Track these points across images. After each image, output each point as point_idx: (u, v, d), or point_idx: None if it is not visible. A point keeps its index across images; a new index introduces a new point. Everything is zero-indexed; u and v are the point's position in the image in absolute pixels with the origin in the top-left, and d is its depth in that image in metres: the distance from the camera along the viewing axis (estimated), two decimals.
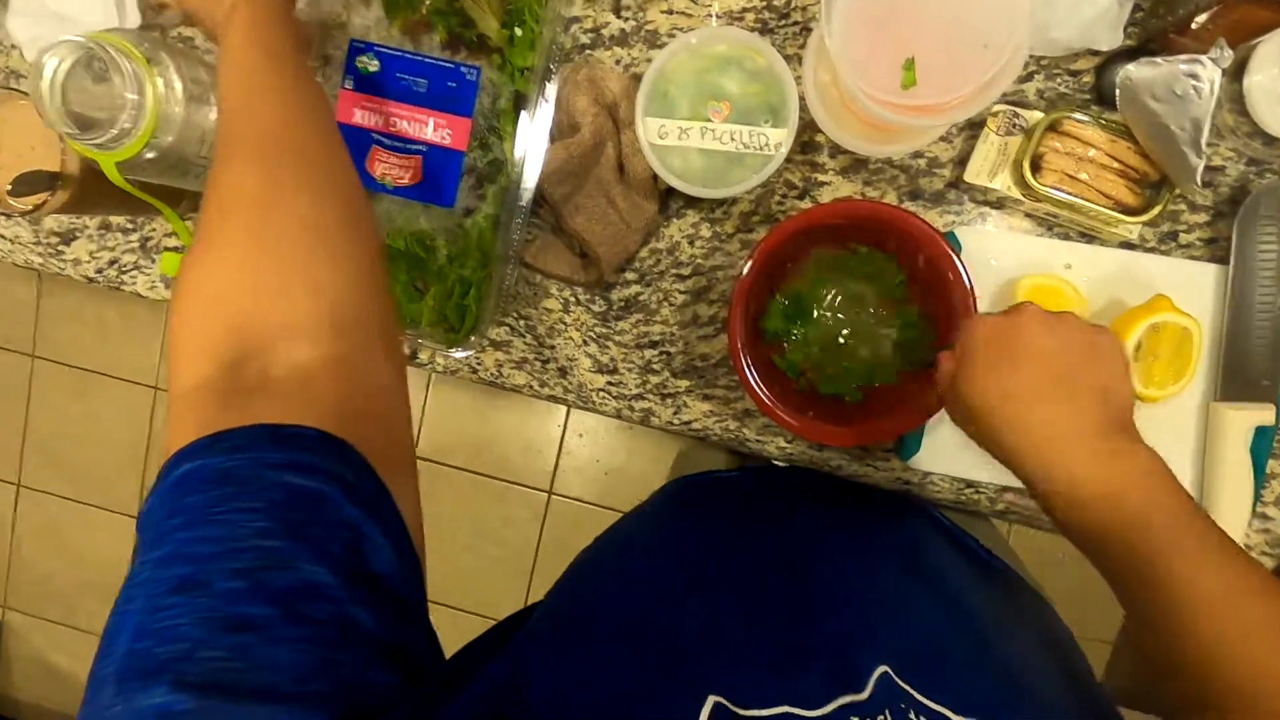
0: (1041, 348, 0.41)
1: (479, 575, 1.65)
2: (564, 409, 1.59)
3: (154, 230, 0.65)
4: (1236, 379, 0.55)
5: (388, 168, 0.54)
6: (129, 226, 0.65)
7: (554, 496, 1.62)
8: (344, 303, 0.34)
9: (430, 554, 0.40)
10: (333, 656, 0.25)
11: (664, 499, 0.61)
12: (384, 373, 0.34)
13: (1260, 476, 0.56)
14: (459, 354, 0.57)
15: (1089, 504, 0.39)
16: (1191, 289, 0.56)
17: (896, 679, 0.34)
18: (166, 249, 0.63)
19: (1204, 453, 0.57)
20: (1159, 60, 0.47)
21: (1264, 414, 0.55)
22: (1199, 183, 0.48)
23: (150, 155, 0.45)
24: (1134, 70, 0.48)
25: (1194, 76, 0.45)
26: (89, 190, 0.50)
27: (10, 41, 0.63)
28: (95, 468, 1.71)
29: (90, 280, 0.66)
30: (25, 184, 0.46)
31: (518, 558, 1.62)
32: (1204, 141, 0.46)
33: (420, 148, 0.53)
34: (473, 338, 0.54)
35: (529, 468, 1.61)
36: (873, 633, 0.39)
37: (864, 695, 0.34)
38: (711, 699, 0.31)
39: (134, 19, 0.61)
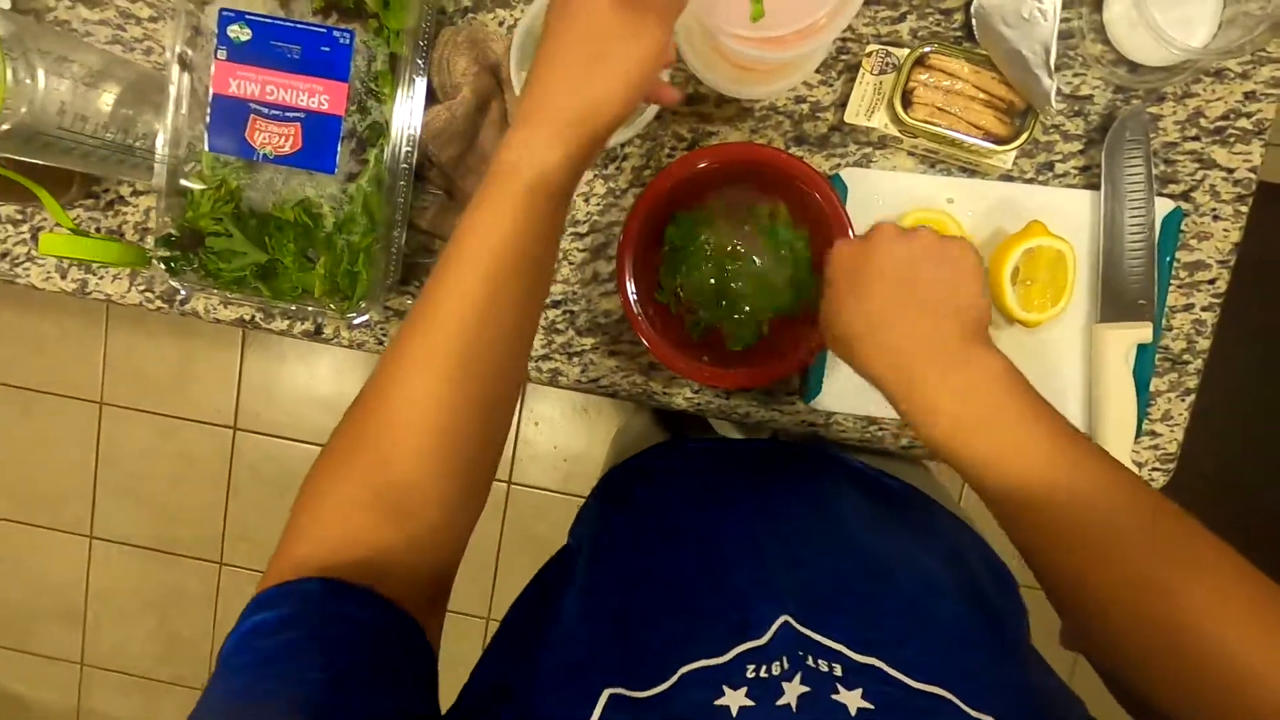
0: (894, 265, 0.41)
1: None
2: (519, 398, 1.59)
3: (44, 221, 0.64)
4: (1115, 300, 0.57)
5: (267, 136, 0.53)
6: (17, 218, 0.64)
7: (513, 486, 1.62)
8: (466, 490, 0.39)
9: None
10: None
11: (599, 498, 0.62)
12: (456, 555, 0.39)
13: (1144, 395, 0.58)
14: (357, 319, 0.57)
15: (944, 422, 0.39)
16: (1069, 216, 0.58)
17: (798, 626, 0.35)
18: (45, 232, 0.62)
19: (1088, 374, 0.59)
20: None
21: (1141, 332, 0.57)
22: (1053, 103, 0.50)
23: (4, 127, 0.44)
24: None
25: (1039, 0, 0.46)
26: None
27: None
28: (44, 488, 1.68)
29: None
30: None
31: (480, 552, 1.61)
32: (1053, 62, 0.48)
33: (298, 115, 0.53)
34: (364, 303, 0.54)
35: (503, 463, 1.61)
36: (772, 583, 0.41)
37: (763, 641, 0.35)
38: (606, 693, 0.32)
39: (4, 2, 0.60)
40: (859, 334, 0.42)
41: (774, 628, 0.35)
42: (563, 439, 1.61)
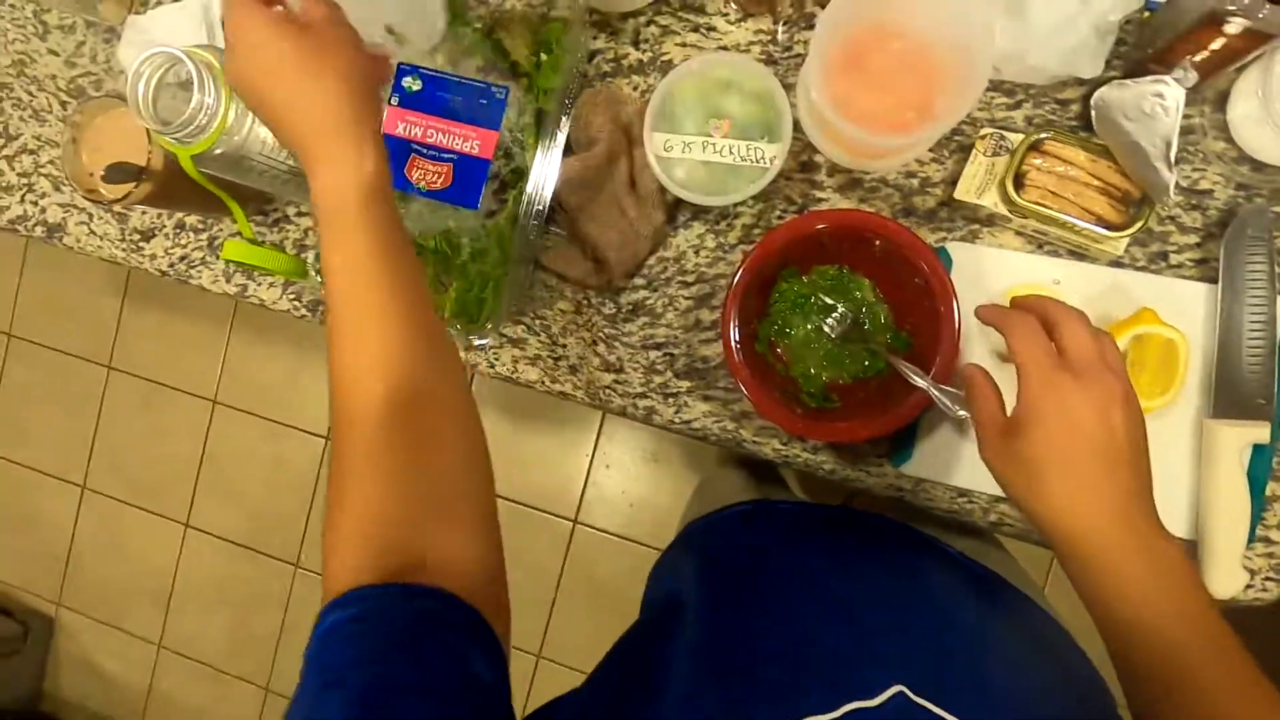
0: (1103, 426, 0.39)
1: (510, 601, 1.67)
2: (593, 439, 1.63)
3: (221, 230, 0.73)
4: (1230, 397, 0.56)
5: (423, 173, 0.60)
6: (200, 226, 0.74)
7: (579, 526, 1.64)
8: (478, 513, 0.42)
9: None
10: None
11: (688, 550, 0.64)
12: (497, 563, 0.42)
13: (1260, 498, 0.56)
14: (479, 342, 0.62)
15: (1113, 589, 0.39)
16: (1182, 307, 0.57)
17: (912, 695, 0.36)
18: (229, 238, 0.71)
19: (1198, 471, 0.57)
20: (1128, 82, 0.50)
21: (1258, 432, 0.55)
22: (1171, 195, 0.50)
23: (219, 151, 0.52)
24: (1106, 92, 0.51)
25: (1159, 95, 0.48)
26: (169, 185, 0.58)
27: (119, 68, 0.74)
28: (154, 476, 1.82)
29: (163, 274, 0.75)
30: (116, 173, 0.54)
31: (538, 585, 1.63)
32: (1173, 157, 0.49)
33: (452, 156, 0.60)
34: (489, 325, 0.59)
35: (555, 496, 1.65)
36: (876, 649, 0.41)
37: (874, 703, 0.36)
38: None
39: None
40: (1047, 482, 0.40)
41: (887, 694, 0.36)
42: (631, 485, 1.63)
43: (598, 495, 1.64)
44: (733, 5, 0.64)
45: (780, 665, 0.40)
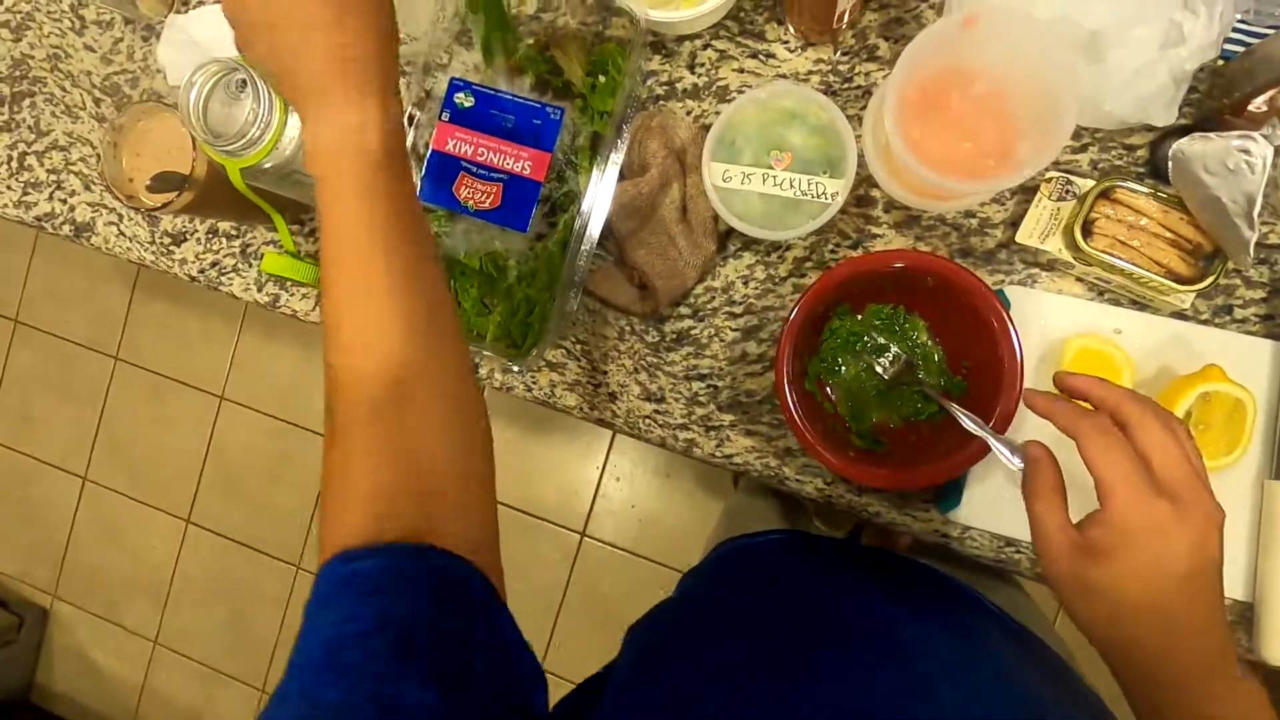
0: (1192, 564, 0.35)
1: (516, 609, 1.65)
2: (604, 451, 1.61)
3: (254, 238, 0.72)
4: None
5: (471, 192, 0.59)
6: (233, 233, 0.72)
7: (586, 539, 1.63)
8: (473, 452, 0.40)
9: None
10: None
11: (716, 568, 0.63)
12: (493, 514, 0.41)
13: None
14: (518, 369, 0.60)
15: None
16: (1246, 363, 0.56)
17: None
18: (268, 250, 0.69)
19: (1258, 532, 0.55)
20: (1212, 135, 0.49)
21: None
22: (1251, 255, 0.49)
23: (268, 165, 0.50)
24: (1186, 144, 0.50)
25: (1246, 152, 0.47)
26: (210, 194, 0.56)
27: (156, 66, 0.72)
28: (157, 470, 1.80)
29: (192, 279, 0.73)
30: (161, 182, 0.52)
31: (543, 596, 1.61)
32: (1256, 215, 0.47)
33: (502, 176, 0.58)
34: (532, 354, 0.58)
35: (563, 507, 1.63)
36: (939, 700, 0.39)
37: None
38: None
39: None
40: (1133, 622, 0.37)
41: None
42: (641, 499, 1.62)
43: (607, 508, 1.62)
44: (793, 33, 0.62)
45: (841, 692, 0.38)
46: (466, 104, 0.59)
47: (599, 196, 0.58)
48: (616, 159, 0.59)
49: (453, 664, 0.31)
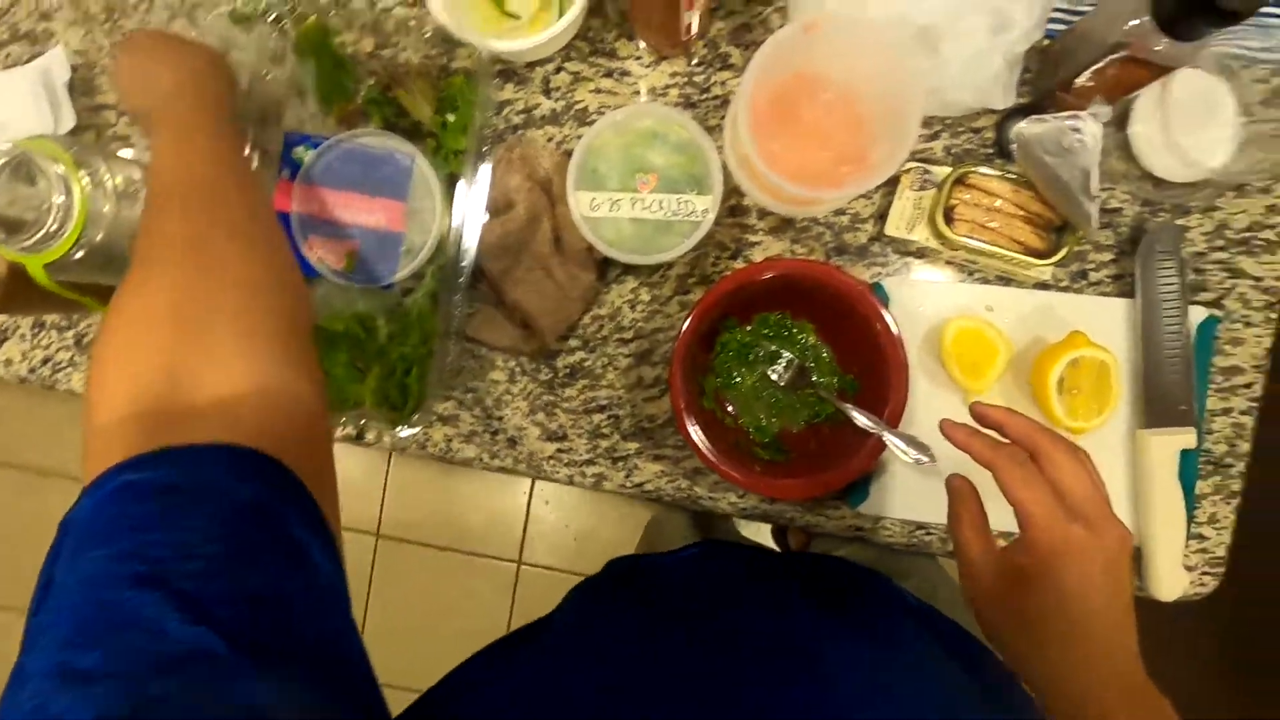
0: (1121, 584, 0.37)
1: (446, 655, 1.58)
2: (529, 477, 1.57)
3: (89, 326, 0.64)
4: (1157, 407, 0.58)
5: (324, 252, 0.54)
6: (64, 324, 0.64)
7: (523, 566, 1.58)
8: (269, 335, 0.34)
9: (394, 635, 0.39)
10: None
11: (585, 595, 0.59)
12: (308, 399, 0.34)
13: (1191, 498, 0.59)
14: (405, 432, 0.56)
15: None
16: (1105, 323, 0.59)
17: None
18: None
19: (1134, 482, 0.59)
20: (1047, 117, 0.51)
21: (1185, 438, 0.57)
22: (1094, 224, 0.51)
23: (79, 255, 0.45)
24: (1025, 127, 0.52)
25: (1078, 131, 0.49)
26: (18, 292, 0.50)
27: None
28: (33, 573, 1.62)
29: (23, 380, 0.65)
30: None
31: (488, 634, 1.56)
32: (1093, 187, 0.50)
33: (357, 232, 0.54)
34: (416, 415, 0.54)
35: (495, 538, 1.58)
36: (849, 710, 0.39)
37: None
38: None
39: (69, 121, 0.62)
40: (1055, 646, 0.37)
41: None
42: (573, 517, 1.59)
43: (539, 532, 1.59)
44: (644, 48, 0.61)
45: None
46: (306, 159, 0.55)
47: (464, 240, 0.55)
48: (477, 198, 0.56)
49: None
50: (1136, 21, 0.47)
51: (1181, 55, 0.49)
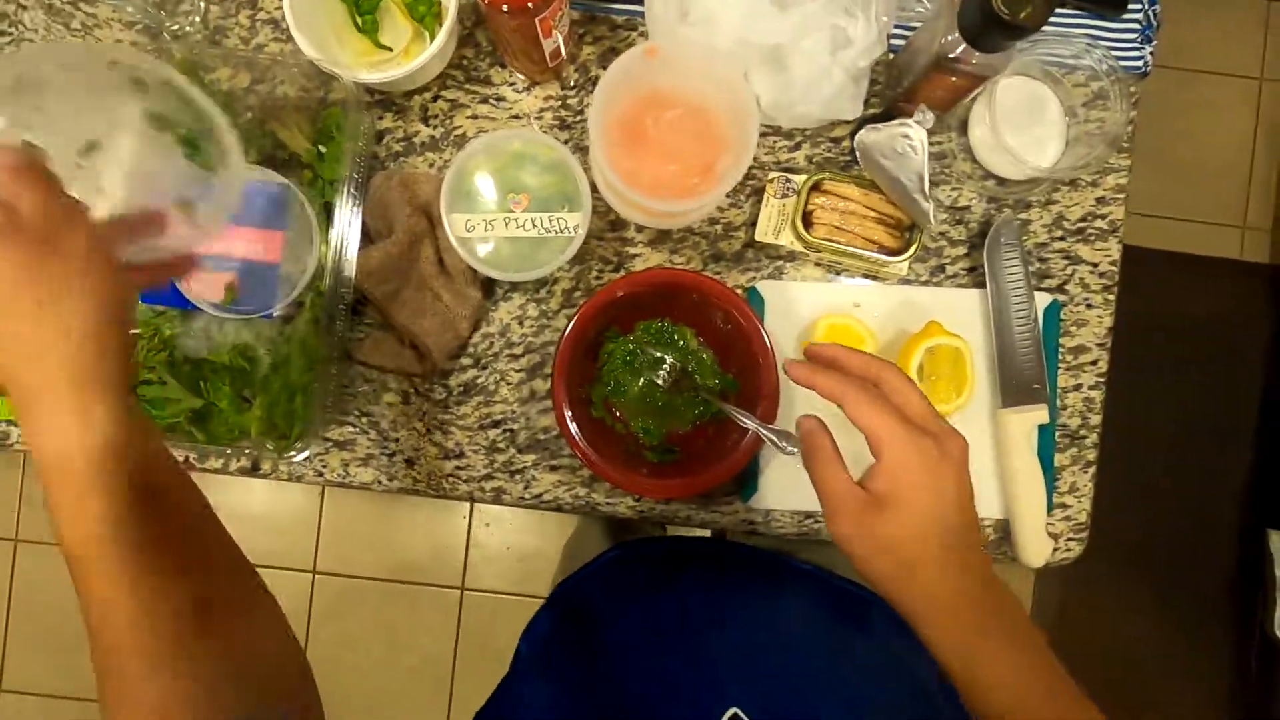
0: (967, 490, 0.39)
1: (396, 692, 1.56)
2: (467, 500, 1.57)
3: None
4: (1012, 387, 0.62)
5: (203, 286, 0.55)
6: None
7: (467, 592, 1.57)
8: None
9: (345, 673, 0.40)
10: None
11: (548, 611, 0.63)
12: None
13: (1050, 471, 0.63)
14: (298, 457, 0.57)
15: (959, 670, 0.38)
16: (963, 313, 0.63)
17: (745, 717, 0.37)
18: None
19: (998, 459, 0.63)
20: (880, 126, 0.55)
21: (1039, 414, 0.62)
22: (932, 221, 0.56)
23: None
24: (864, 135, 0.56)
25: (907, 137, 0.53)
26: None
27: None
28: None
29: None
30: None
31: (435, 665, 1.54)
32: (926, 188, 0.54)
33: (234, 264, 0.55)
34: (300, 442, 0.55)
35: (437, 566, 1.56)
36: (718, 680, 0.42)
37: None
38: None
39: None
40: (919, 567, 0.38)
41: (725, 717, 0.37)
42: (514, 538, 1.59)
43: (482, 556, 1.58)
44: (518, 75, 0.64)
45: (631, 716, 0.40)
46: None
47: (342, 267, 0.56)
48: (355, 225, 0.57)
49: None
50: (951, 36, 0.52)
51: (996, 65, 0.53)
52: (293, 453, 0.55)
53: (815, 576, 0.62)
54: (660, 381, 0.61)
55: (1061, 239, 0.65)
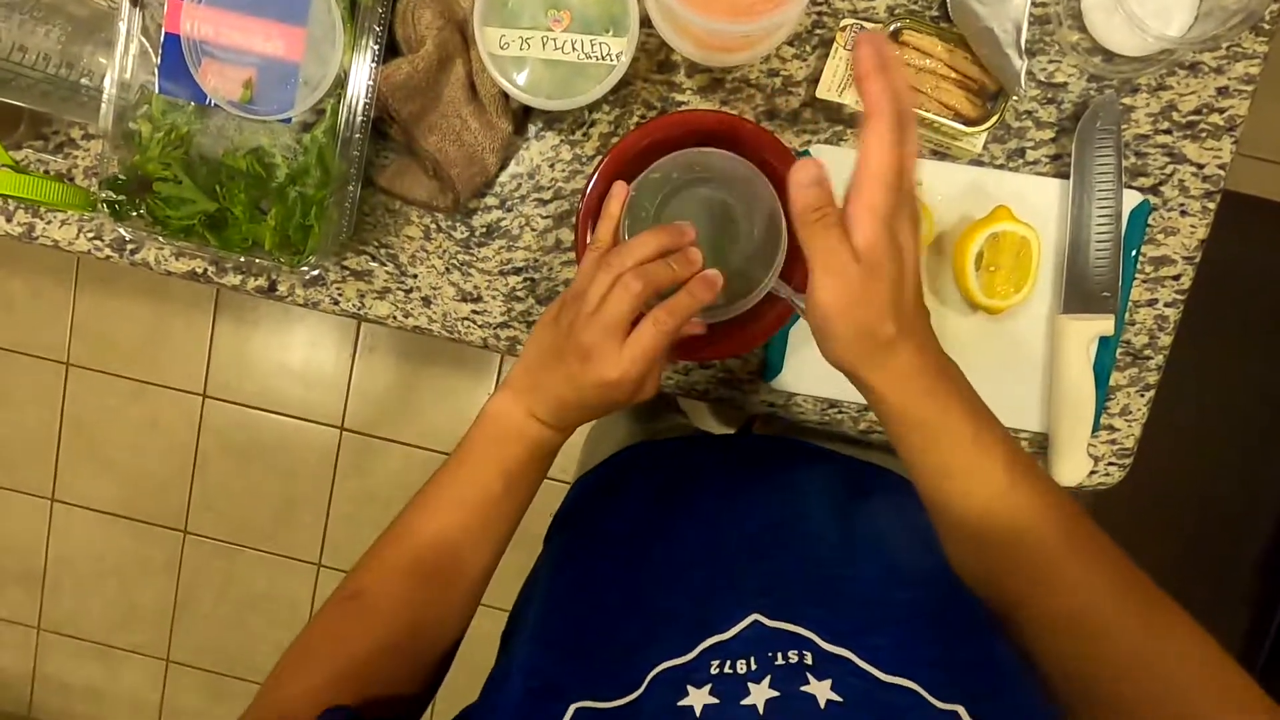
0: (910, 268, 0.37)
1: None
2: (494, 375, 1.57)
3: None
4: (1079, 291, 0.57)
5: (220, 80, 0.52)
6: None
7: None
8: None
9: (366, 528, 0.51)
10: None
11: (566, 509, 0.64)
12: None
13: (1104, 389, 0.58)
14: (309, 273, 0.55)
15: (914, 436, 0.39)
16: (1037, 204, 0.57)
17: (767, 621, 0.35)
18: None
19: (1049, 365, 0.58)
20: None
21: (1104, 324, 0.56)
22: (1024, 85, 0.49)
23: None
24: None
25: None
26: None
27: None
28: (4, 448, 1.64)
29: None
30: None
31: None
32: (1023, 42, 0.47)
33: (253, 59, 0.52)
34: (314, 257, 0.53)
35: (458, 437, 1.59)
36: (736, 579, 0.41)
37: (727, 636, 0.35)
38: (571, 709, 0.32)
39: None
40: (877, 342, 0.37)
41: (741, 625, 0.35)
42: None
43: None
44: None
45: (641, 618, 0.39)
46: None
47: (367, 76, 0.52)
48: (382, 31, 0.53)
49: None
50: None
51: None
52: (305, 267, 0.53)
53: (831, 456, 0.59)
54: None
55: (1167, 132, 0.57)
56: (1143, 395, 0.60)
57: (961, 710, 0.30)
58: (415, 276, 0.61)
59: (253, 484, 1.61)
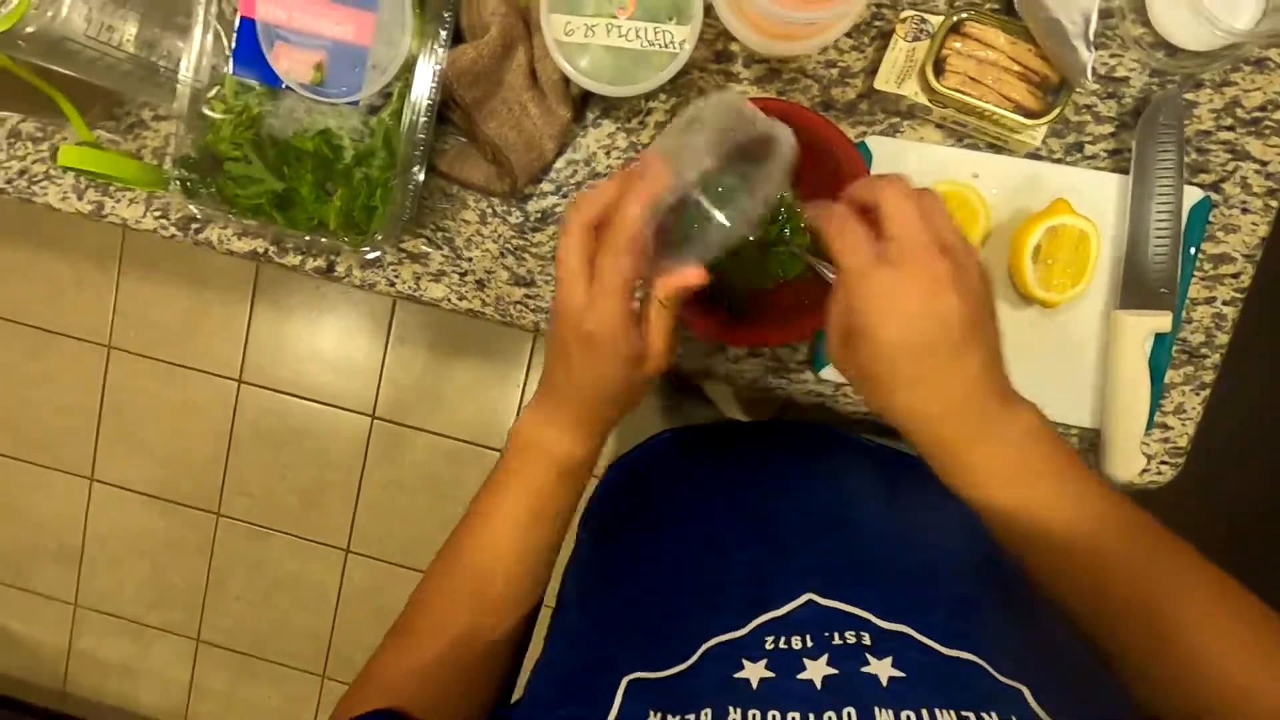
0: (945, 318, 0.34)
1: (438, 541, 1.64)
2: (524, 368, 1.59)
3: (64, 139, 0.64)
4: (1136, 287, 0.56)
5: (291, 63, 0.53)
6: (39, 134, 0.64)
7: None
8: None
9: (394, 516, 0.65)
10: None
11: (604, 490, 0.64)
12: None
13: (1159, 386, 0.58)
14: (370, 254, 0.56)
15: (982, 479, 0.37)
16: (1095, 198, 0.57)
17: (822, 600, 0.36)
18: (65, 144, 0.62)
19: (1105, 361, 0.58)
20: None
21: (1161, 320, 0.56)
22: (1089, 76, 0.49)
23: (31, 29, 0.44)
24: None
25: None
26: None
27: None
28: (47, 428, 1.69)
29: (1, 192, 0.65)
30: None
31: None
32: (1092, 34, 0.47)
33: (323, 43, 0.53)
34: (379, 236, 0.54)
35: (486, 429, 1.61)
36: (790, 557, 0.41)
37: (782, 612, 0.35)
38: (625, 680, 0.32)
39: None
40: (891, 393, 0.36)
41: (796, 603, 0.35)
42: None
43: None
44: None
45: (689, 593, 0.40)
46: None
47: (433, 61, 0.53)
48: (449, 18, 0.54)
49: None
50: None
51: None
52: (367, 248, 0.55)
53: (870, 447, 0.59)
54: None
55: (1230, 129, 0.57)
56: (1198, 394, 0.59)
57: (1026, 691, 0.30)
58: (470, 260, 0.62)
59: (284, 469, 1.64)
